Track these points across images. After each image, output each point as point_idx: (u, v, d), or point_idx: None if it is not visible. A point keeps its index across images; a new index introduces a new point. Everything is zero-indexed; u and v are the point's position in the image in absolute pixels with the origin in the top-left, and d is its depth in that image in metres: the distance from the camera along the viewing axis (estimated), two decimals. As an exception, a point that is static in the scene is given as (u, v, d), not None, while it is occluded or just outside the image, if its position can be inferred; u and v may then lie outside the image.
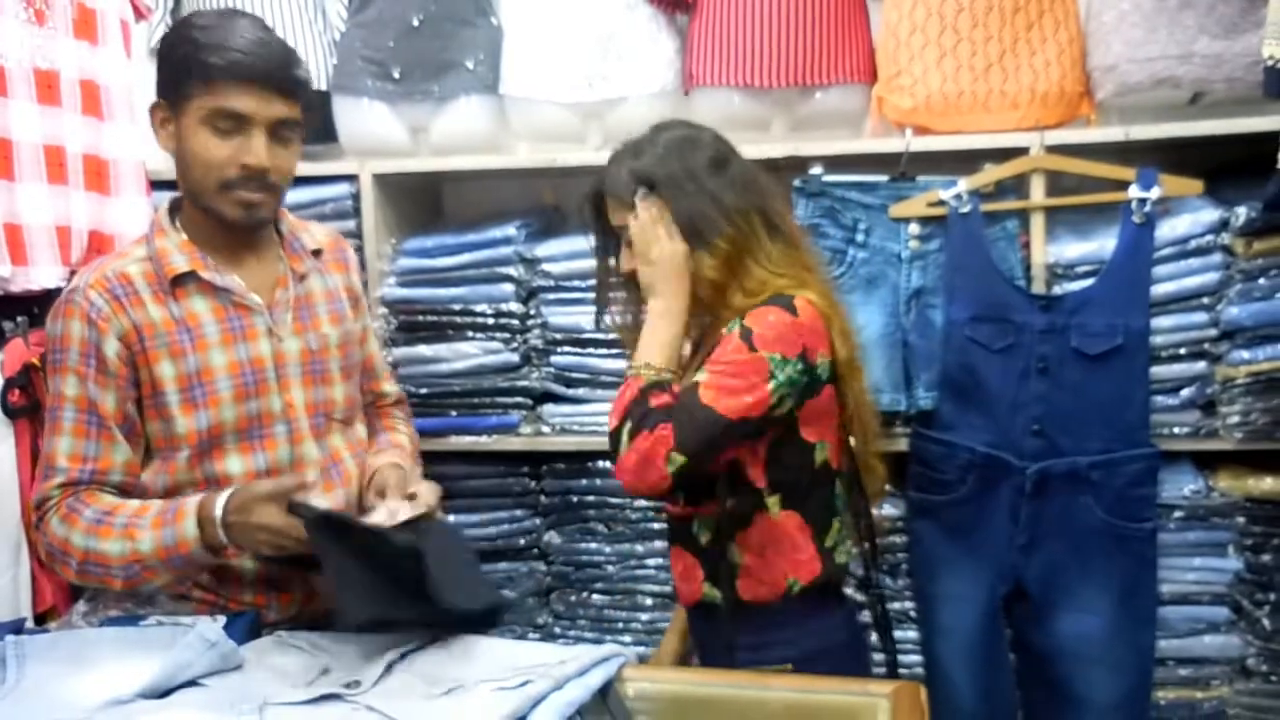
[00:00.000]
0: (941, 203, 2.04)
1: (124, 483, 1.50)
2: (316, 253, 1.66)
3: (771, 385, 1.46)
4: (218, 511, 1.38)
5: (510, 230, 2.24)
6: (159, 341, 1.49)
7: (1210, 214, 1.98)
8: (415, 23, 2.32)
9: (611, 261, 1.70)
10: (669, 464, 1.43)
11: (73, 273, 2.02)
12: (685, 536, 1.63)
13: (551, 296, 2.24)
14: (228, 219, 1.50)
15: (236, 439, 1.53)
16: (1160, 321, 1.98)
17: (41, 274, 1.94)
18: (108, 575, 1.44)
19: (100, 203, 2.11)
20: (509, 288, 2.23)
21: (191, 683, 1.22)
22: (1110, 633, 1.99)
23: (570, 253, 2.22)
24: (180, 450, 1.51)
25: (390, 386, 1.88)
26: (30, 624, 1.75)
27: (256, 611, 1.47)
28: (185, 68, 1.45)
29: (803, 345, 1.49)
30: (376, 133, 2.36)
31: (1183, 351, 2.00)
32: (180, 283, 1.51)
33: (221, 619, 1.38)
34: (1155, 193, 1.96)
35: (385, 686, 1.21)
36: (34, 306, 2.01)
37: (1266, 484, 2.01)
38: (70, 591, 1.96)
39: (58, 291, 1.99)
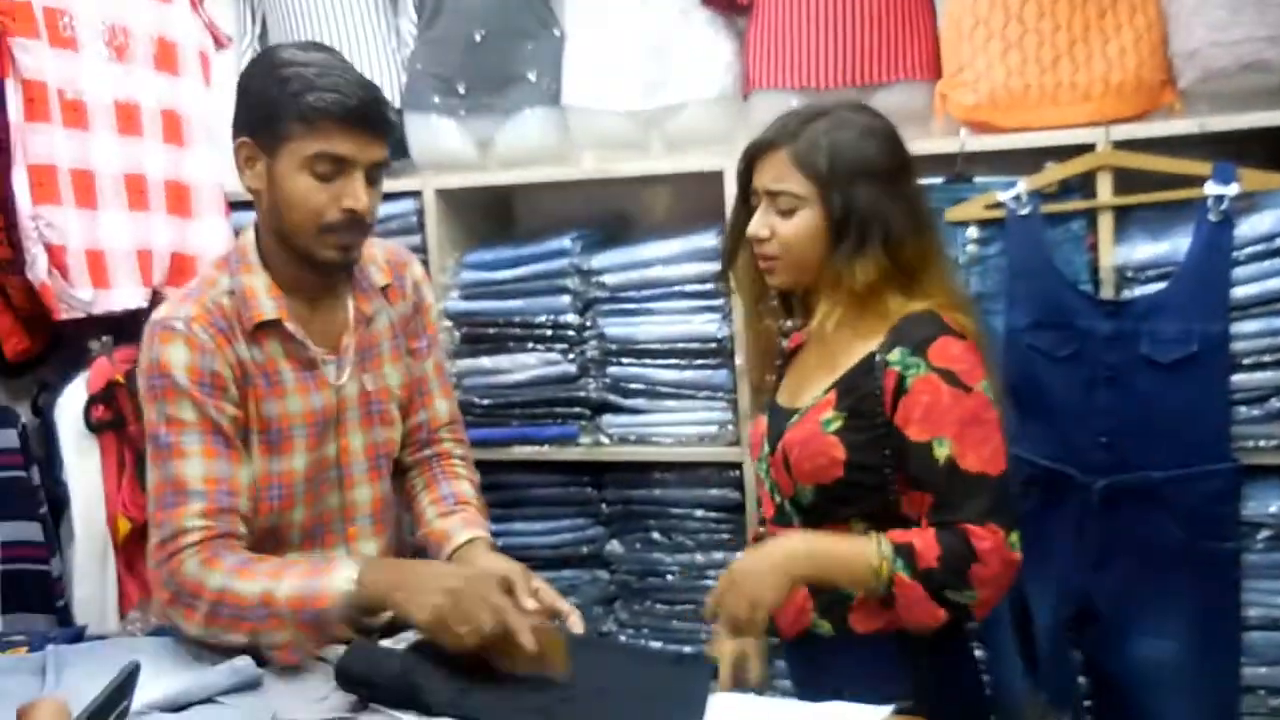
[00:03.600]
0: (999, 204, 1.95)
1: (250, 510, 1.46)
2: (384, 288, 1.61)
3: (998, 413, 1.36)
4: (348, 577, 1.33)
5: (566, 242, 2.26)
6: (248, 381, 1.47)
7: (1297, 210, 1.83)
8: (478, 38, 2.35)
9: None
10: (1014, 548, 1.31)
11: (155, 292, 2.15)
12: None
13: (607, 308, 2.24)
14: (323, 262, 1.46)
15: (305, 487, 1.52)
16: (1241, 327, 1.84)
17: (123, 296, 2.07)
18: (238, 618, 1.34)
19: (182, 225, 2.23)
20: (566, 299, 2.25)
21: (208, 699, 1.28)
22: (1189, 659, 1.87)
23: (626, 263, 2.22)
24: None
25: (444, 404, 1.71)
26: (111, 628, 1.89)
27: None
28: (281, 108, 1.39)
29: (984, 366, 1.38)
30: (445, 148, 2.40)
31: (1266, 359, 1.85)
32: (261, 326, 1.47)
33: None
34: (1234, 188, 1.81)
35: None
36: (118, 325, 2.15)
37: (1363, 501, 1.85)
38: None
39: (141, 311, 2.15)
